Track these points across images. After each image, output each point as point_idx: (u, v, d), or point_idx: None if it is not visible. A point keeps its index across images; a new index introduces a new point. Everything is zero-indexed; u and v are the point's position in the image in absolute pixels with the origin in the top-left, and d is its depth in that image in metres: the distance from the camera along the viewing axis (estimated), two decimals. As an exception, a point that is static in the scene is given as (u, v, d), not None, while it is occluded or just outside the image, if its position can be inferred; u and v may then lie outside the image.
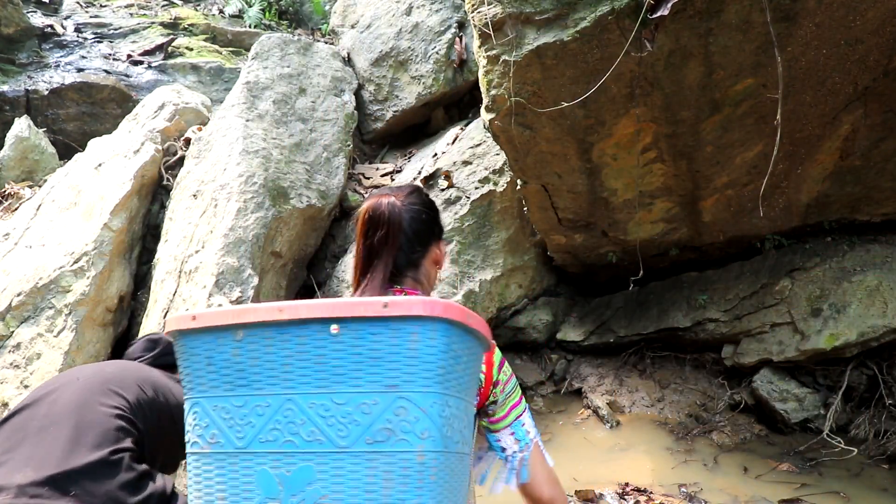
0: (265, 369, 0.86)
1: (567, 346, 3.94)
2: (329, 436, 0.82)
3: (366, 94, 4.82)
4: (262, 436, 0.85)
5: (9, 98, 5.28)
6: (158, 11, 6.55)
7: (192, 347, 0.89)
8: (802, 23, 2.42)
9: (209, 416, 0.88)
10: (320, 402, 0.83)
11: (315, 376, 0.84)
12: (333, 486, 0.81)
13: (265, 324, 0.86)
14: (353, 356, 0.83)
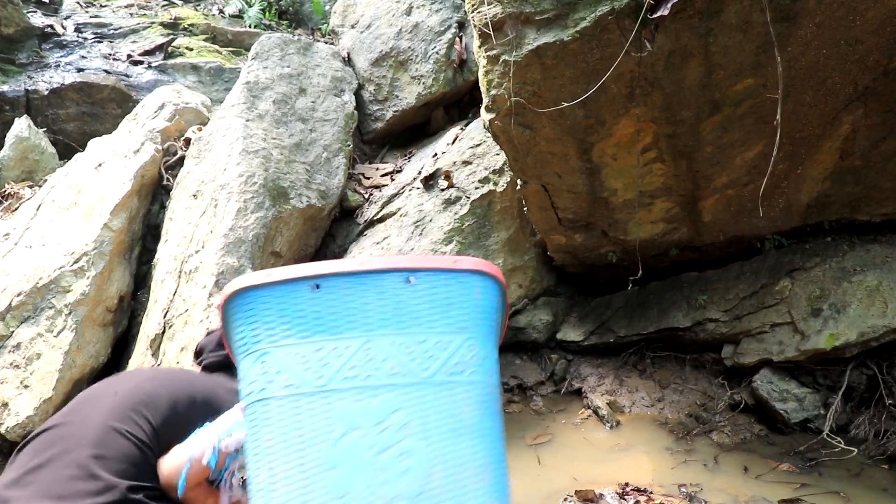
0: (343, 315, 0.92)
1: (567, 346, 3.94)
2: (411, 369, 0.91)
3: (366, 94, 4.82)
4: (341, 374, 0.90)
5: (9, 98, 5.28)
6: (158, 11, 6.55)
7: (264, 301, 0.93)
8: (802, 23, 2.42)
9: (281, 363, 0.91)
10: (401, 341, 0.92)
11: (394, 319, 0.93)
12: (419, 413, 0.89)
13: (343, 274, 0.93)
14: (429, 302, 0.94)
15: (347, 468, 0.86)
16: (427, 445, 0.88)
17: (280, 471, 0.87)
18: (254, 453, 0.90)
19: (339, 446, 0.87)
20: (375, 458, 0.87)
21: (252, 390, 0.92)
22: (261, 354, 0.92)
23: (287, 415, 0.89)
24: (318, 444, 0.87)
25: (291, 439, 0.88)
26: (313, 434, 0.88)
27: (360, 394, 0.89)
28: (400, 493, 0.85)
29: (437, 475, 0.87)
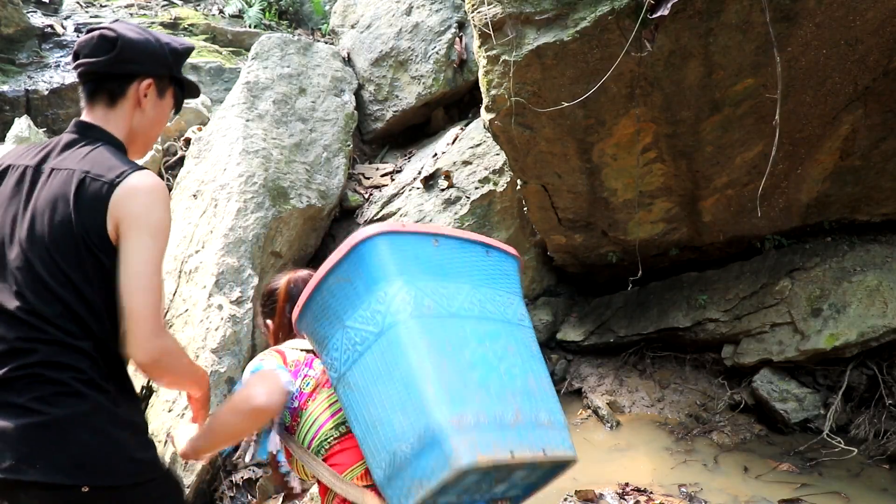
0: (455, 266, 1.28)
1: (567, 346, 3.94)
2: (502, 312, 1.32)
3: (366, 94, 4.82)
4: (464, 306, 1.25)
5: (9, 98, 5.28)
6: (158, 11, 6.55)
7: (401, 245, 1.23)
8: (802, 23, 2.42)
9: (421, 292, 1.20)
10: (489, 293, 1.31)
11: (483, 276, 1.33)
12: (513, 340, 1.30)
13: (453, 237, 1.32)
14: (497, 269, 1.36)
15: (484, 368, 1.20)
16: (523, 362, 1.29)
17: (441, 369, 1.15)
18: (415, 351, 1.15)
19: (476, 355, 1.20)
20: (499, 365, 1.22)
21: (405, 308, 1.18)
22: (407, 284, 1.20)
23: (435, 328, 1.19)
24: (463, 350, 1.19)
25: (444, 348, 1.17)
26: (457, 343, 1.20)
27: (478, 321, 1.25)
28: (515, 389, 1.23)
29: (532, 382, 1.28)
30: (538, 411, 1.25)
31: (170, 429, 2.87)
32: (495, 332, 1.26)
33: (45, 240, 1.27)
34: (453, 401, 1.12)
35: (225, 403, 1.37)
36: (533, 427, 1.22)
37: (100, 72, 1.41)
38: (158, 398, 3.09)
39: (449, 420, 1.09)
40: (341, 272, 1.24)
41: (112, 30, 1.41)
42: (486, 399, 1.16)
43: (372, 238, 1.20)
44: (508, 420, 1.17)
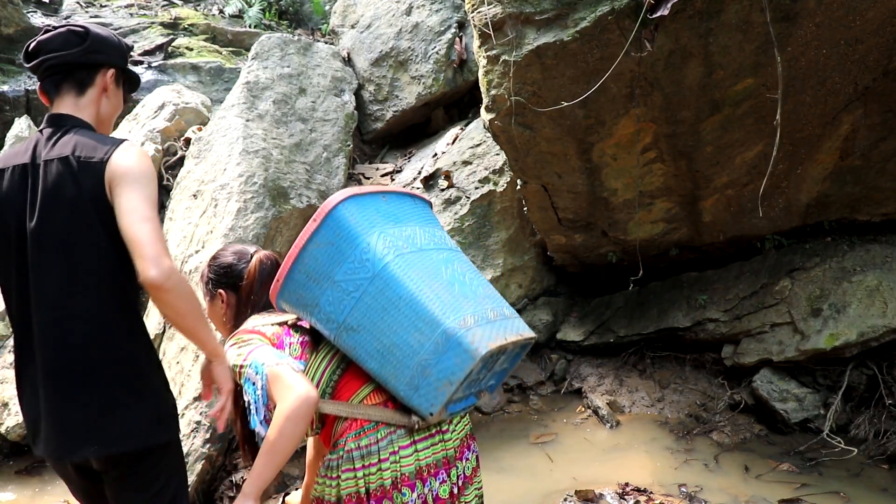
0: (403, 214, 1.55)
1: (567, 346, 3.94)
2: (445, 241, 1.59)
3: (366, 94, 4.82)
4: (424, 241, 1.52)
5: (9, 98, 5.28)
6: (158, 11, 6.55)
7: (365, 204, 1.49)
8: (802, 23, 2.42)
9: (391, 237, 1.45)
10: (432, 229, 1.58)
11: (420, 217, 1.59)
12: (460, 261, 1.56)
13: (395, 193, 1.58)
14: (425, 212, 1.63)
15: (459, 284, 1.47)
16: (475, 274, 1.55)
17: (433, 289, 1.41)
18: (410, 281, 1.40)
19: (449, 275, 1.47)
20: (464, 279, 1.49)
21: (387, 251, 1.42)
22: (380, 233, 1.44)
23: (414, 261, 1.44)
24: (440, 273, 1.46)
25: (427, 274, 1.43)
26: (434, 271, 1.45)
27: (437, 251, 1.52)
28: (483, 294, 1.50)
29: (487, 288, 1.55)
30: (502, 308, 1.52)
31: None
32: (450, 257, 1.52)
33: (59, 222, 1.45)
34: (454, 309, 1.39)
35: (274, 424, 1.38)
36: (505, 319, 1.50)
37: (72, 62, 1.56)
38: (158, 398, 3.10)
39: (458, 324, 1.37)
40: (320, 238, 1.45)
41: (79, 25, 1.60)
42: (472, 304, 1.44)
43: (342, 202, 1.45)
44: (490, 316, 1.45)
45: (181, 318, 1.45)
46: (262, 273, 1.71)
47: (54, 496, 2.94)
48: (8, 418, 3.18)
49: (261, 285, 1.70)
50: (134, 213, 1.40)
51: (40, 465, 3.19)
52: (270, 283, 1.60)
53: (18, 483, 3.04)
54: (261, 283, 1.70)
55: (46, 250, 1.45)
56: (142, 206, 1.41)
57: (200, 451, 2.75)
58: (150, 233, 1.38)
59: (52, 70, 1.56)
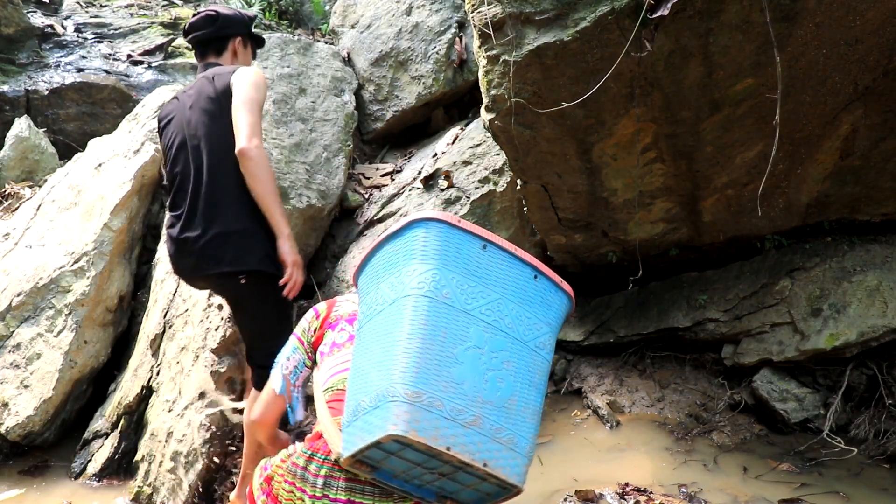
0: (493, 273, 1.35)
1: (567, 346, 3.94)
2: (519, 331, 1.35)
3: (366, 94, 4.82)
4: (481, 309, 1.32)
5: (9, 98, 5.28)
6: (158, 11, 6.55)
7: (449, 236, 1.34)
8: (802, 23, 2.42)
9: (446, 280, 1.30)
10: (518, 310, 1.36)
11: (519, 294, 1.37)
12: (515, 359, 1.33)
13: (504, 249, 1.40)
14: (540, 296, 1.40)
15: (467, 368, 1.27)
16: (515, 381, 1.32)
17: (425, 348, 1.25)
18: (414, 325, 1.27)
19: (466, 353, 1.27)
20: (485, 372, 1.28)
21: (422, 287, 1.29)
22: (435, 268, 1.31)
23: (441, 315, 1.28)
24: (454, 345, 1.27)
25: (438, 332, 1.26)
26: (453, 336, 1.27)
27: (488, 328, 1.31)
28: (492, 399, 1.28)
29: (513, 402, 1.31)
30: (502, 429, 1.28)
31: (170, 427, 2.87)
32: (500, 344, 1.31)
33: (207, 114, 2.26)
34: (419, 378, 1.22)
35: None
36: (487, 438, 1.25)
37: (209, 37, 2.47)
38: (158, 398, 3.10)
39: (405, 391, 1.21)
40: (392, 242, 1.40)
41: (213, 10, 2.45)
42: (453, 392, 1.24)
43: (424, 221, 1.35)
44: (464, 419, 1.23)
45: (258, 184, 2.10)
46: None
47: (57, 496, 2.94)
48: (8, 418, 3.18)
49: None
50: (241, 104, 2.16)
51: (43, 465, 3.20)
52: None
53: (21, 483, 3.05)
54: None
55: (197, 126, 2.26)
56: (248, 98, 2.17)
57: (200, 452, 2.75)
58: (245, 119, 2.12)
59: (197, 43, 2.49)
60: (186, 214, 2.19)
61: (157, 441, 2.90)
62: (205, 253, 2.14)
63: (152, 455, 2.90)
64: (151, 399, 3.16)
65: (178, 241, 2.21)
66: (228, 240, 2.13)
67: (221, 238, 2.12)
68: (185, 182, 2.24)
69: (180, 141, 2.29)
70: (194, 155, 2.22)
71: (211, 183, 2.17)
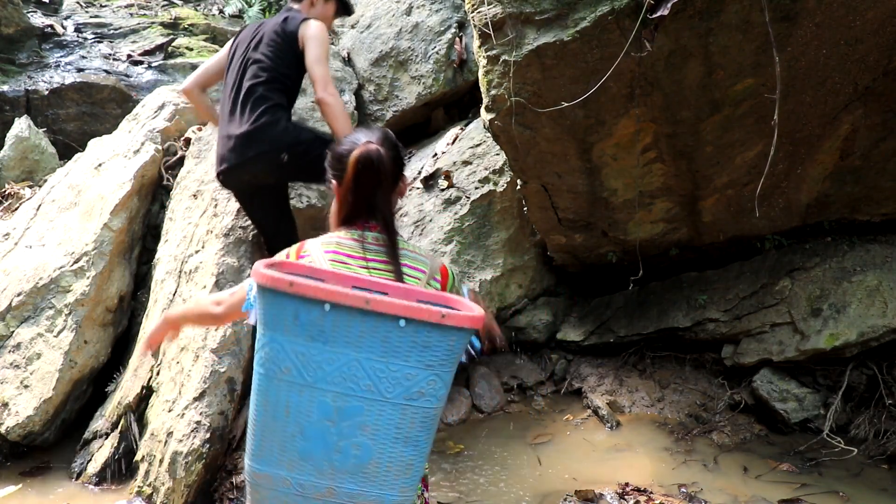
0: (342, 334, 1.18)
1: (567, 346, 3.94)
2: (380, 389, 1.20)
3: (366, 94, 4.81)
4: (328, 378, 1.19)
5: (9, 98, 5.28)
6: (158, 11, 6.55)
7: (283, 303, 1.17)
8: (802, 23, 2.42)
9: (286, 354, 1.19)
10: (379, 367, 1.19)
11: (379, 348, 1.19)
12: (375, 421, 1.21)
13: (351, 308, 1.16)
14: (410, 342, 1.19)
15: (315, 443, 1.20)
16: (374, 444, 1.22)
17: (267, 429, 1.22)
18: (255, 405, 1.23)
19: (313, 427, 1.20)
20: (337, 442, 1.21)
21: (261, 359, 1.21)
22: (271, 339, 1.19)
23: (282, 394, 1.20)
24: (300, 420, 1.20)
25: (280, 410, 1.21)
26: (297, 412, 1.20)
27: (338, 396, 1.20)
28: (345, 468, 1.22)
29: (373, 465, 1.22)
30: (360, 494, 1.23)
31: (170, 427, 2.87)
32: (354, 410, 1.20)
33: (271, 43, 2.81)
34: (263, 460, 1.24)
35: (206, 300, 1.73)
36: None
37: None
38: (158, 398, 3.10)
39: (252, 472, 1.25)
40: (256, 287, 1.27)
41: None
42: (300, 469, 1.22)
43: (258, 286, 1.20)
44: (314, 493, 1.23)
45: (334, 121, 2.68)
46: (358, 175, 1.51)
47: (57, 497, 2.94)
48: (8, 418, 3.18)
49: (357, 185, 1.52)
50: (312, 64, 2.73)
51: (43, 465, 3.20)
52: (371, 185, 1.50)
53: (23, 481, 3.05)
54: (356, 183, 1.51)
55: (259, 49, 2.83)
56: (317, 60, 2.72)
57: (200, 452, 2.75)
58: (319, 72, 2.70)
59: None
60: (230, 115, 2.81)
61: (157, 441, 2.90)
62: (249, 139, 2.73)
63: (152, 455, 2.90)
64: (151, 399, 3.16)
65: (224, 138, 2.82)
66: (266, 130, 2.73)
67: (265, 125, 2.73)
68: (234, 91, 2.83)
69: (240, 57, 2.89)
70: (247, 71, 2.82)
71: (251, 92, 2.76)
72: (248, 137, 2.72)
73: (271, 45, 2.80)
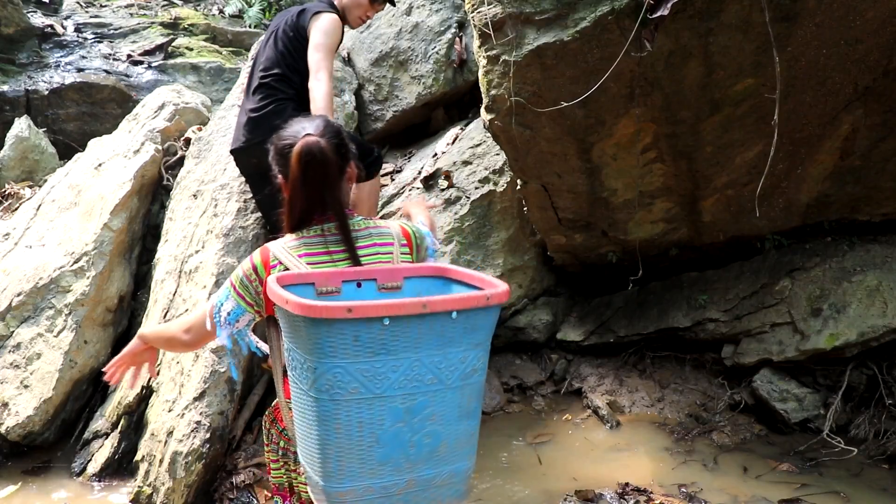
0: (402, 341, 1.22)
1: (567, 346, 3.94)
2: (442, 379, 1.27)
3: (366, 94, 4.81)
4: (395, 385, 1.23)
5: (9, 98, 5.28)
6: (158, 11, 6.55)
7: (341, 329, 1.18)
8: (802, 23, 2.42)
9: (351, 375, 1.21)
10: (437, 360, 1.26)
11: (436, 343, 1.25)
12: (441, 409, 1.28)
13: (409, 316, 1.21)
14: (462, 329, 1.26)
15: (391, 447, 1.26)
16: (443, 428, 1.30)
17: (345, 448, 1.24)
18: (326, 429, 1.24)
19: (387, 433, 1.25)
20: (410, 438, 1.27)
21: (323, 386, 1.22)
22: (334, 366, 1.20)
23: (353, 413, 1.23)
24: (373, 430, 1.24)
25: (354, 428, 1.23)
26: (370, 424, 1.24)
27: (406, 398, 1.25)
28: (420, 458, 1.28)
29: (444, 447, 1.31)
30: (438, 475, 1.32)
31: (170, 427, 2.87)
32: (422, 406, 1.27)
33: (283, 35, 2.99)
34: (345, 478, 1.26)
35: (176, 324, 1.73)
36: (422, 489, 1.31)
37: None
38: (158, 398, 3.10)
39: (338, 493, 1.26)
40: (290, 318, 1.24)
41: None
42: (381, 475, 1.26)
43: (308, 319, 1.18)
44: (397, 489, 1.28)
45: (315, 102, 2.75)
46: (304, 168, 1.47)
47: (57, 497, 2.94)
48: (8, 418, 3.18)
49: (304, 181, 1.48)
50: (314, 49, 2.83)
51: (43, 465, 3.20)
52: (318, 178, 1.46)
53: (23, 481, 3.05)
54: (304, 179, 1.48)
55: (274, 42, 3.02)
56: (321, 45, 2.84)
57: (200, 452, 2.75)
58: (319, 61, 2.80)
59: None
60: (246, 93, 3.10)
61: (157, 441, 2.90)
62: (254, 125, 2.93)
63: (152, 455, 2.90)
64: (151, 399, 3.16)
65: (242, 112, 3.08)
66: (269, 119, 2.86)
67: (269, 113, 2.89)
68: (251, 71, 3.14)
69: (267, 38, 3.12)
70: (266, 56, 3.03)
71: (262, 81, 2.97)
72: (254, 123, 2.92)
73: (284, 39, 2.97)
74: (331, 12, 2.94)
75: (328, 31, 2.86)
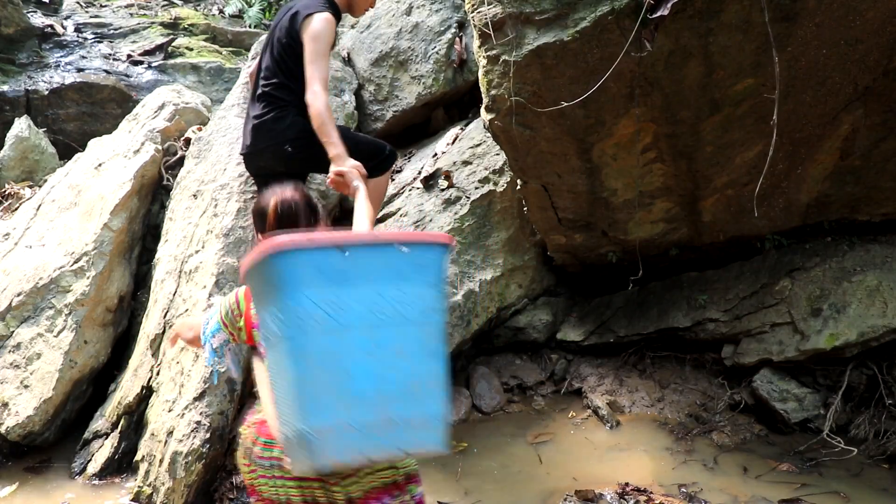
0: (361, 272, 1.32)
1: (567, 346, 3.94)
2: (401, 312, 1.35)
3: (366, 94, 4.81)
4: (359, 316, 1.31)
5: (9, 98, 5.28)
6: (158, 11, 6.55)
7: (303, 260, 1.28)
8: (802, 23, 2.42)
9: (315, 305, 1.28)
10: (395, 294, 1.35)
11: (392, 276, 1.35)
12: (407, 342, 1.36)
13: (363, 244, 1.35)
14: (412, 264, 1.37)
15: (363, 379, 1.31)
16: (411, 364, 1.36)
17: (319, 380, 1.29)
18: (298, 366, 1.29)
19: (358, 365, 1.31)
20: (381, 373, 1.33)
21: (288, 320, 1.28)
22: (297, 297, 1.27)
23: (321, 341, 1.29)
24: (344, 361, 1.30)
25: (326, 358, 1.29)
26: (339, 355, 1.30)
27: (371, 329, 1.32)
28: (393, 394, 1.33)
29: (415, 384, 1.37)
30: (412, 414, 1.36)
31: (170, 427, 2.87)
32: (387, 338, 1.34)
33: (278, 43, 2.93)
34: (322, 412, 1.29)
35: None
36: (401, 430, 1.34)
37: None
38: (158, 398, 3.10)
39: (314, 428, 1.28)
40: (259, 270, 1.34)
41: None
42: (357, 408, 1.31)
43: (275, 256, 1.28)
44: (376, 425, 1.32)
45: (315, 119, 2.69)
46: (279, 218, 1.72)
47: (57, 496, 2.94)
48: (8, 418, 3.18)
49: (279, 229, 1.70)
50: (309, 58, 2.76)
51: (43, 465, 3.20)
52: (291, 227, 1.66)
53: (24, 480, 3.05)
54: (279, 227, 1.71)
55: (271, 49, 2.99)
56: (315, 54, 2.76)
57: (200, 452, 2.76)
58: (315, 73, 2.74)
59: None
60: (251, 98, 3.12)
61: (157, 441, 2.90)
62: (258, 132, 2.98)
63: (152, 455, 2.90)
64: (151, 399, 3.16)
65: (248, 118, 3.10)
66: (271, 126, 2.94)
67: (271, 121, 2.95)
68: (256, 75, 3.13)
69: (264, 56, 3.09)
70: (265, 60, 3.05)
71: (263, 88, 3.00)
72: (257, 130, 2.98)
73: (279, 47, 2.93)
74: (321, 10, 2.85)
75: (318, 36, 2.80)
